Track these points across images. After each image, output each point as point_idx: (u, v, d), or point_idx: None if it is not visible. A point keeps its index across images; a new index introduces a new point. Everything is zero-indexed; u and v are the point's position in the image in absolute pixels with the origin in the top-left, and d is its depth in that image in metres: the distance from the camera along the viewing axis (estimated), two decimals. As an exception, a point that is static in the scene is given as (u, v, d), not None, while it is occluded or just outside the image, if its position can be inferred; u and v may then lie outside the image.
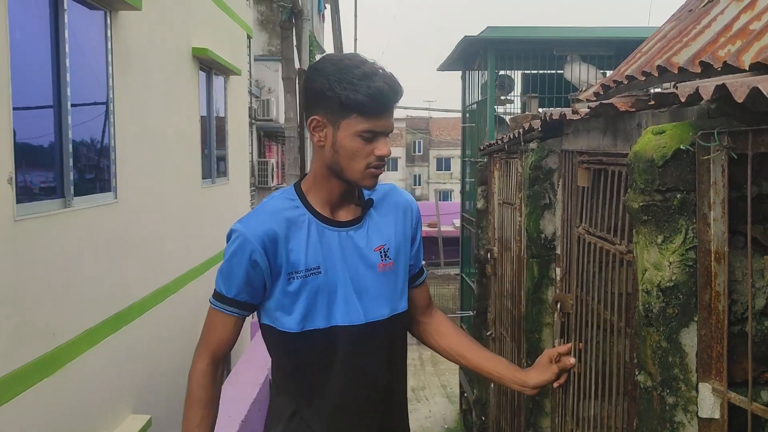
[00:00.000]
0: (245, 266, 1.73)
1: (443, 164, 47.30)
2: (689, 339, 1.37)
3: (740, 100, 1.07)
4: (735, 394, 1.31)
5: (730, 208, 1.30)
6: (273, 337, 1.84)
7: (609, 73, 5.51)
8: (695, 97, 1.24)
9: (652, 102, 1.54)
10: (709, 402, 1.34)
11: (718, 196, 1.30)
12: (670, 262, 1.36)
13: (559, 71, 7.25)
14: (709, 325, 1.34)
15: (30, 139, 4.39)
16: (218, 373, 1.87)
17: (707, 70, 1.57)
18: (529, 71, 7.79)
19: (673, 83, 1.98)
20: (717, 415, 1.34)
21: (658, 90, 2.18)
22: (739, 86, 1.09)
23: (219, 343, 1.83)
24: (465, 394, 7.80)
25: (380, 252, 1.83)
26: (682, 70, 1.68)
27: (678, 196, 1.36)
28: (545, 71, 7.55)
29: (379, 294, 1.82)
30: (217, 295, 1.81)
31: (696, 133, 1.31)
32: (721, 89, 1.13)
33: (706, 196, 1.31)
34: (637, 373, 1.45)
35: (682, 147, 1.30)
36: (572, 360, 1.91)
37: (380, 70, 1.67)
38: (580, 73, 6.56)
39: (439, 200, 31.23)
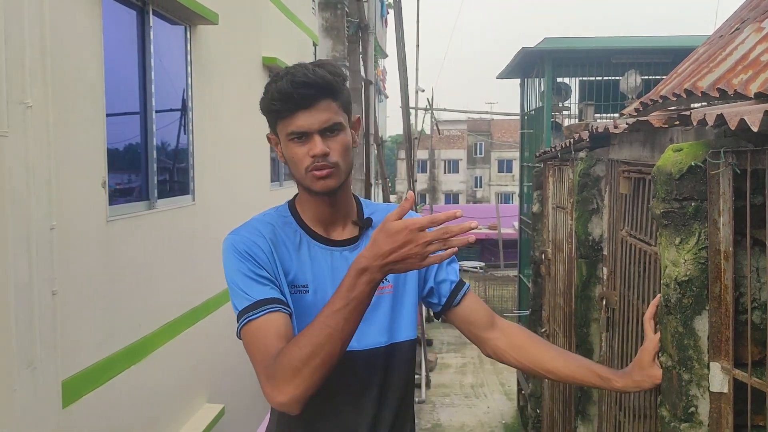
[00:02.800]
0: (254, 259, 1.58)
1: (504, 166, 47.00)
2: (702, 325, 1.61)
3: (733, 128, 1.31)
4: (740, 371, 1.54)
5: (736, 215, 1.53)
6: None
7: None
8: (704, 122, 1.48)
9: (677, 122, 1.78)
10: (718, 378, 1.58)
11: (726, 204, 1.53)
12: (686, 260, 1.60)
13: (616, 78, 7.39)
14: (718, 314, 1.57)
15: (119, 146, 4.79)
16: None
17: (724, 95, 1.79)
18: (586, 78, 7.94)
19: (699, 105, 2.19)
20: (725, 390, 1.57)
21: (696, 108, 2.40)
22: (734, 115, 1.32)
23: (280, 345, 1.49)
24: (522, 391, 8.01)
25: None
26: (705, 94, 1.91)
27: (692, 204, 1.60)
28: (602, 78, 7.69)
29: (375, 320, 1.67)
30: (248, 308, 1.54)
31: (707, 152, 1.54)
32: (720, 117, 1.37)
33: (716, 204, 1.55)
34: (660, 354, 1.69)
35: (693, 164, 1.54)
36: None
37: (295, 69, 1.57)
38: (635, 83, 6.69)
39: (500, 203, 31.26)
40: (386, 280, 1.67)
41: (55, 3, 3.51)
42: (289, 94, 1.53)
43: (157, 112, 5.13)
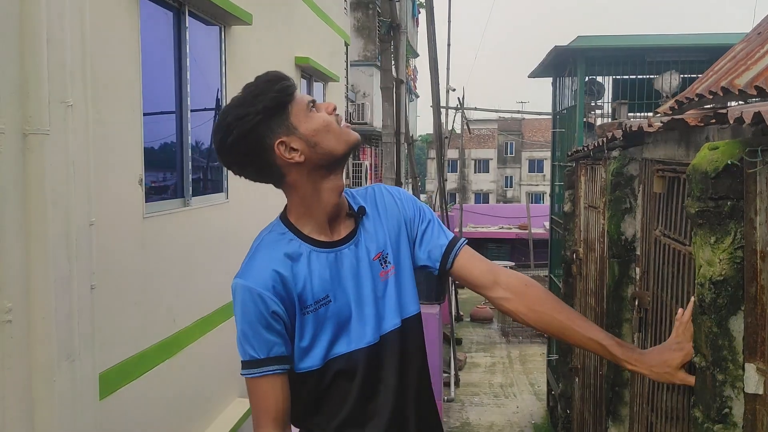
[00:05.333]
0: (264, 320, 1.60)
1: (535, 166, 46.68)
2: (737, 325, 1.60)
3: (771, 126, 1.31)
4: (776, 373, 1.53)
5: (773, 214, 1.53)
6: (290, 378, 1.69)
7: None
8: (741, 120, 1.48)
9: (713, 120, 1.77)
10: (754, 379, 1.57)
11: (763, 203, 1.53)
12: (721, 260, 1.59)
13: (651, 77, 7.31)
14: (754, 314, 1.56)
15: (156, 145, 4.88)
16: None
17: (762, 93, 1.78)
18: (619, 77, 7.86)
19: (736, 103, 2.18)
20: (761, 391, 1.56)
21: (732, 105, 2.38)
22: (772, 113, 1.32)
23: (278, 408, 1.65)
24: (552, 392, 7.97)
25: (379, 260, 1.73)
26: (742, 92, 1.90)
27: (728, 203, 1.59)
28: (636, 76, 7.61)
29: (389, 303, 1.72)
30: (250, 363, 1.63)
31: (744, 150, 1.54)
32: (758, 115, 1.36)
33: (752, 203, 1.54)
34: (693, 355, 1.69)
35: (730, 162, 1.53)
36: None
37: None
38: (670, 84, 6.61)
39: (531, 202, 31.10)
40: (389, 263, 1.73)
41: (95, 5, 3.59)
42: (282, 76, 1.61)
43: (192, 111, 5.21)
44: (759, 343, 1.55)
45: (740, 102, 2.34)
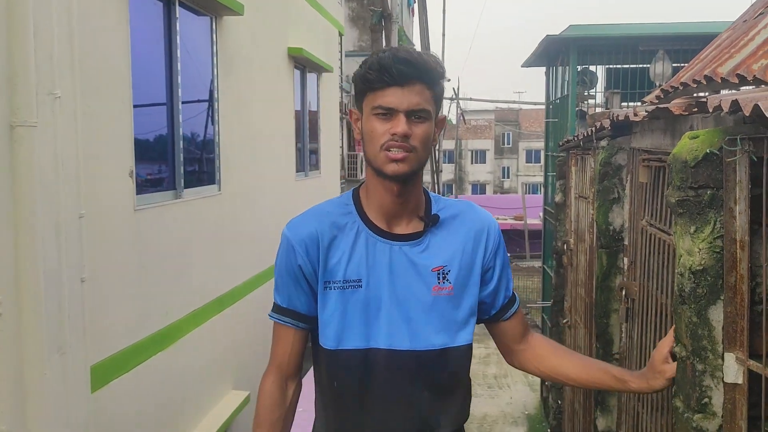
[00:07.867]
0: (291, 272, 1.64)
1: (533, 156, 46.55)
2: (716, 315, 1.60)
3: (747, 114, 1.30)
4: (755, 362, 1.54)
5: (752, 203, 1.53)
6: (314, 348, 1.72)
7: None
8: (719, 108, 1.48)
9: (695, 109, 1.78)
10: (733, 369, 1.58)
11: (742, 192, 1.53)
12: (700, 249, 1.59)
13: (644, 66, 7.31)
14: (734, 304, 1.57)
15: (146, 137, 4.86)
16: (288, 392, 1.73)
17: (744, 81, 1.78)
18: (612, 66, 7.85)
19: (728, 91, 2.18)
20: (740, 380, 1.57)
21: (725, 93, 2.38)
22: (749, 101, 1.32)
23: (283, 357, 1.70)
24: (546, 382, 8.00)
25: (438, 273, 1.63)
26: (725, 81, 1.90)
27: (708, 192, 1.59)
28: (629, 66, 7.61)
29: (431, 320, 1.63)
30: (275, 306, 1.71)
31: (724, 139, 1.54)
32: (735, 104, 1.36)
33: (732, 192, 1.54)
34: (675, 344, 1.69)
35: (709, 151, 1.54)
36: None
37: (402, 47, 1.58)
38: (663, 70, 6.61)
39: (528, 193, 31.11)
40: (447, 281, 1.64)
41: (83, -5, 3.57)
42: (388, 66, 1.52)
43: (183, 103, 5.18)
44: (738, 332, 1.56)
45: (732, 91, 2.34)
